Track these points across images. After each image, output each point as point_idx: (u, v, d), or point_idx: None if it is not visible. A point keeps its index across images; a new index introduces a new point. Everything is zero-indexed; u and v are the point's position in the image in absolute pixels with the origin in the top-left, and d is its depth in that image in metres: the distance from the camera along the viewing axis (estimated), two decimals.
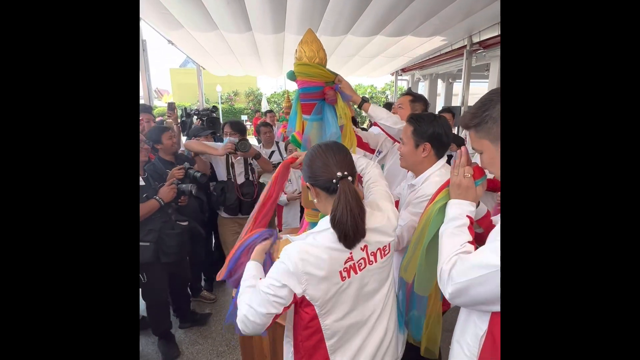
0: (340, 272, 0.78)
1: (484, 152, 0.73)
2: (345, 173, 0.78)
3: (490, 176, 0.81)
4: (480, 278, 0.63)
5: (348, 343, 0.83)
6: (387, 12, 2.72)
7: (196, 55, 4.71)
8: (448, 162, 1.16)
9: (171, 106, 2.70)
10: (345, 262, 0.78)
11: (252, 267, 0.90)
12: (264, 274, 0.87)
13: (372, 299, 0.85)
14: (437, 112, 1.69)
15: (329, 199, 0.82)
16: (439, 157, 1.13)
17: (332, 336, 0.81)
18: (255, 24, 3.00)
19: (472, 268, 0.65)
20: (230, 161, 2.15)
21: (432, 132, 1.10)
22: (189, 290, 2.29)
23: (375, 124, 1.48)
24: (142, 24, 3.23)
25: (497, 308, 0.64)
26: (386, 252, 0.85)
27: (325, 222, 0.79)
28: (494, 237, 0.67)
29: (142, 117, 2.43)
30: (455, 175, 0.79)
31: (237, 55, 4.35)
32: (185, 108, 2.78)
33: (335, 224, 0.75)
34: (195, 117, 2.86)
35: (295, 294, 0.76)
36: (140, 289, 1.83)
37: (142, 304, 1.92)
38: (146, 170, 1.81)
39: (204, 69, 5.72)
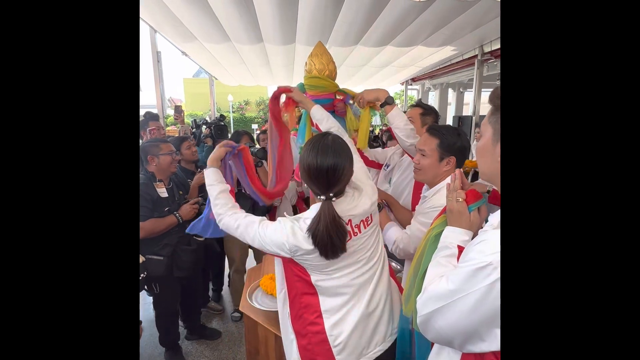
0: None
1: (482, 138, 0.67)
2: (331, 195, 0.82)
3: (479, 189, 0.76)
4: (440, 309, 0.59)
5: (339, 305, 0.87)
6: (397, 23, 2.73)
7: (209, 66, 4.82)
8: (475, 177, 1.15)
9: (178, 109, 2.80)
10: None
11: (210, 174, 0.99)
12: (223, 179, 1.00)
13: (362, 265, 0.89)
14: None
15: (317, 200, 0.89)
16: None
17: (322, 292, 0.87)
18: (267, 35, 3.05)
19: (430, 299, 0.61)
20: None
21: (460, 145, 1.07)
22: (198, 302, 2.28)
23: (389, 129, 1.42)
24: (157, 36, 3.33)
25: (469, 348, 0.59)
26: (369, 222, 0.90)
27: (314, 208, 0.84)
28: (460, 262, 0.62)
29: (152, 124, 2.47)
30: (450, 200, 0.76)
31: (248, 66, 4.42)
32: (195, 119, 2.84)
33: (317, 242, 0.79)
34: (204, 126, 2.92)
35: (282, 257, 0.85)
36: (152, 298, 1.83)
37: (151, 314, 1.92)
38: (172, 180, 1.81)
39: (216, 79, 5.84)
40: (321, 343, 0.87)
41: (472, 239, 0.70)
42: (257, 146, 2.10)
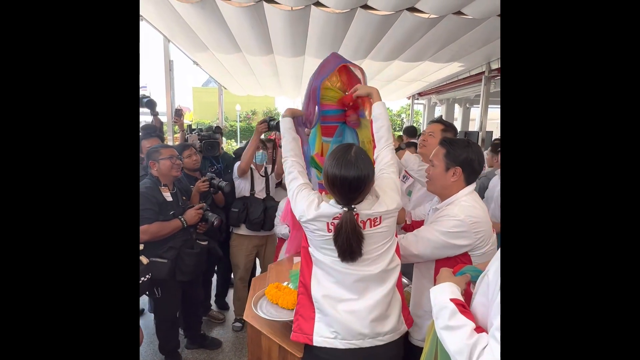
0: (328, 224, 0.90)
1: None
2: (353, 206, 0.88)
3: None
4: None
5: (326, 280, 0.94)
6: (405, 39, 2.77)
7: (219, 75, 4.90)
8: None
9: (178, 112, 2.74)
10: (334, 218, 0.89)
11: (286, 122, 1.14)
12: (295, 129, 1.15)
13: (359, 263, 0.91)
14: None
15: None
16: (468, 183, 1.11)
17: (315, 263, 0.96)
18: (277, 47, 3.11)
19: None
20: (252, 178, 2.19)
21: (465, 157, 1.08)
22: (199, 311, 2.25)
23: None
24: (170, 46, 3.41)
25: None
26: (376, 223, 0.93)
27: (333, 204, 0.91)
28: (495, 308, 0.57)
29: (146, 144, 2.07)
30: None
31: (257, 77, 4.50)
32: (190, 125, 2.76)
33: (337, 244, 0.88)
34: (193, 132, 2.60)
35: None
36: (153, 304, 1.82)
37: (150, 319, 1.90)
38: (175, 185, 1.83)
39: (225, 88, 5.93)
40: (308, 303, 0.98)
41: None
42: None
